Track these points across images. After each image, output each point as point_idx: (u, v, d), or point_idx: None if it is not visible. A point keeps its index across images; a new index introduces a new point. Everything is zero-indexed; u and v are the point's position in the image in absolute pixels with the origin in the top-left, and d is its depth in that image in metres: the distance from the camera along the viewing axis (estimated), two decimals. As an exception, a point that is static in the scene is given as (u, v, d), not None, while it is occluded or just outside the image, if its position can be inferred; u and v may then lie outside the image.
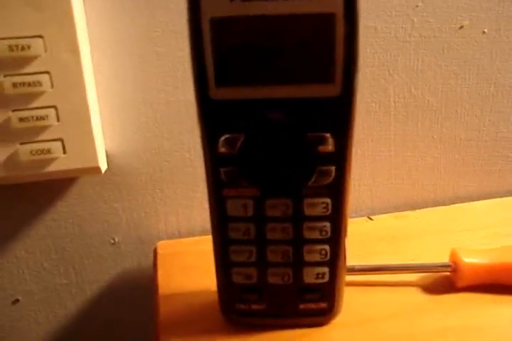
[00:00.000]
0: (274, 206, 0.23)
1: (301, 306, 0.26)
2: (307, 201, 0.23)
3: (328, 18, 0.20)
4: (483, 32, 0.38)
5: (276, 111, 0.21)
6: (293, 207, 0.23)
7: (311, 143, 0.22)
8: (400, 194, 0.42)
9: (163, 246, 0.36)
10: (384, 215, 0.40)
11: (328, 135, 0.22)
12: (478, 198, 0.42)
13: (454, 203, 0.42)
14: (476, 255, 0.30)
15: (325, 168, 0.23)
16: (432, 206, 0.42)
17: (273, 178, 0.23)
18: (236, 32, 0.20)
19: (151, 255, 0.37)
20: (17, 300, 0.39)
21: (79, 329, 0.40)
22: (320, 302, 0.26)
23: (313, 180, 0.23)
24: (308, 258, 0.25)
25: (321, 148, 0.22)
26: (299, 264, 0.25)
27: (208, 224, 0.37)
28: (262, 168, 0.22)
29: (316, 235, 0.24)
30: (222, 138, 0.22)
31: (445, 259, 0.31)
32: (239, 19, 0.20)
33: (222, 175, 0.23)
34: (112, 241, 0.38)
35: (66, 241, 0.37)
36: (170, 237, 0.38)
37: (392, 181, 0.41)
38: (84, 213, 0.37)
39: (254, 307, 0.26)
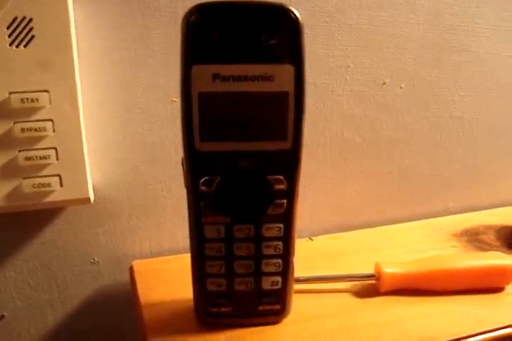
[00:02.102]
0: (240, 230, 0.30)
1: (260, 308, 0.33)
2: (265, 226, 0.30)
3: (283, 95, 0.27)
4: (401, 87, 0.47)
5: (245, 160, 0.28)
6: (255, 230, 0.30)
7: (269, 183, 0.29)
8: (335, 218, 0.49)
9: (138, 265, 0.41)
10: (322, 236, 0.46)
11: (281, 177, 0.29)
12: (399, 221, 0.49)
13: (379, 225, 0.48)
14: (395, 266, 0.37)
15: (279, 201, 0.30)
16: (361, 228, 0.48)
17: (240, 209, 0.29)
18: (217, 102, 0.27)
19: (127, 273, 0.42)
20: (3, 316, 0.42)
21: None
22: (275, 305, 0.33)
23: (270, 210, 0.30)
24: (265, 269, 0.31)
25: (277, 187, 0.29)
26: (258, 274, 0.31)
27: (175, 246, 0.43)
28: (232, 201, 0.29)
29: (271, 252, 0.31)
30: (203, 179, 0.29)
31: (371, 270, 0.38)
32: (219, 94, 0.27)
33: (202, 207, 0.29)
34: (92, 261, 0.43)
35: (51, 261, 0.42)
36: (143, 257, 0.43)
37: (329, 208, 0.48)
38: (69, 237, 0.41)
39: (223, 310, 0.32)
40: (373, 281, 0.38)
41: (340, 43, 0.43)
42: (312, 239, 0.46)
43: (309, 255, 0.42)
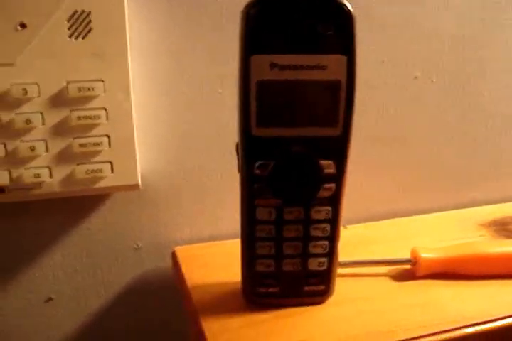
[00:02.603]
0: (290, 212, 0.32)
1: (306, 288, 0.34)
2: (314, 209, 0.32)
3: (336, 84, 0.29)
4: (432, 81, 0.48)
5: (297, 145, 0.30)
6: (304, 213, 0.32)
7: (320, 168, 0.30)
8: (368, 208, 0.50)
9: (180, 250, 0.43)
10: (355, 225, 0.47)
11: (331, 162, 0.31)
12: (428, 211, 0.50)
13: (409, 216, 0.50)
14: (431, 251, 0.39)
15: (328, 185, 0.31)
16: (392, 218, 0.49)
17: (292, 192, 0.31)
18: (274, 90, 0.29)
19: (169, 258, 0.43)
20: (50, 299, 0.44)
21: (103, 324, 0.46)
22: (320, 285, 0.34)
23: (319, 193, 0.31)
24: (313, 251, 0.33)
25: (326, 171, 0.31)
26: (306, 255, 0.33)
27: (215, 233, 0.45)
28: (285, 184, 0.30)
29: (319, 233, 0.33)
30: (257, 163, 0.30)
31: (407, 256, 0.40)
32: (276, 82, 0.28)
33: (255, 190, 0.31)
34: (136, 246, 0.45)
35: (96, 246, 0.43)
36: (184, 243, 0.45)
37: (362, 198, 0.49)
38: (114, 223, 0.43)
39: (271, 290, 0.34)
40: (409, 266, 0.39)
41: (375, 38, 0.45)
42: (346, 227, 0.47)
43: (345, 242, 0.43)
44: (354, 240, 0.45)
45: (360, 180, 0.49)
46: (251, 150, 0.30)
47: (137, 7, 0.37)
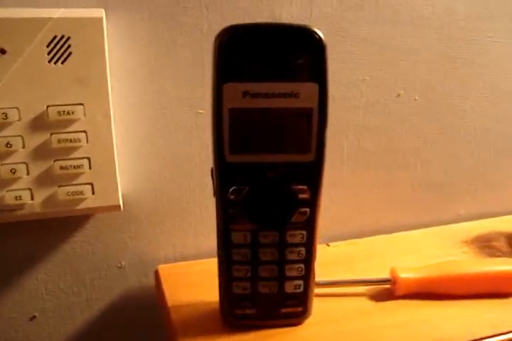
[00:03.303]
0: (266, 236, 0.32)
1: (283, 310, 0.34)
2: (289, 232, 0.32)
3: (308, 111, 0.29)
4: (415, 99, 0.49)
5: (271, 170, 0.30)
6: (279, 236, 0.32)
7: (294, 192, 0.31)
8: (351, 225, 0.50)
9: (163, 269, 0.43)
10: (338, 242, 0.48)
11: (305, 187, 0.31)
12: (412, 228, 0.51)
13: (393, 232, 0.50)
14: (410, 271, 0.39)
15: (303, 209, 0.31)
16: (376, 235, 0.50)
17: (266, 217, 0.31)
18: (246, 118, 0.29)
19: (152, 276, 0.44)
20: (34, 317, 0.44)
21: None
22: (297, 307, 0.34)
23: (294, 217, 0.31)
24: (289, 273, 0.33)
25: (301, 196, 0.31)
26: (282, 278, 0.33)
27: (198, 251, 0.45)
28: (260, 209, 0.31)
29: (295, 257, 0.33)
30: (232, 188, 0.31)
31: (386, 275, 0.40)
32: (249, 109, 0.29)
33: (230, 215, 0.31)
34: (119, 265, 0.45)
35: (80, 265, 0.44)
36: (167, 262, 0.45)
37: (345, 215, 0.50)
38: (97, 242, 0.43)
39: (248, 311, 0.34)
40: (389, 285, 0.39)
41: (356, 57, 0.45)
42: (329, 245, 0.47)
43: (327, 260, 0.43)
44: (336, 258, 0.45)
45: (343, 197, 0.49)
46: (225, 175, 0.31)
47: (117, 32, 0.38)
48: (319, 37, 0.28)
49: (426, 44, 0.47)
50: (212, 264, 0.34)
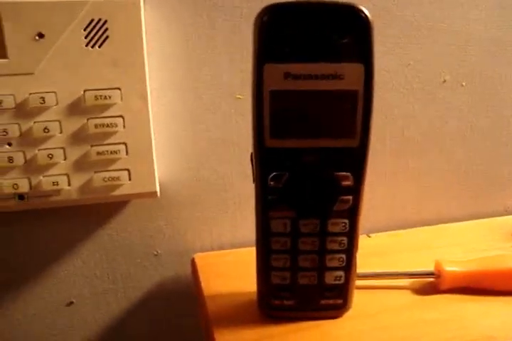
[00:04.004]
0: (306, 224, 0.31)
1: (322, 302, 0.33)
2: (331, 221, 0.31)
3: (353, 94, 0.28)
4: (462, 85, 0.46)
5: (313, 156, 0.29)
6: (320, 225, 0.31)
7: (336, 179, 0.29)
8: (394, 216, 0.49)
9: (200, 258, 0.43)
10: (380, 233, 0.46)
11: (349, 174, 0.30)
12: (457, 220, 0.49)
13: (437, 224, 0.48)
14: (455, 265, 0.37)
15: (345, 197, 0.30)
16: (419, 226, 0.48)
17: (307, 204, 0.30)
18: (288, 100, 0.28)
19: (188, 265, 0.43)
20: (71, 303, 0.45)
21: (122, 329, 0.46)
22: (337, 299, 0.33)
23: (336, 205, 0.30)
24: (329, 264, 0.32)
25: (343, 183, 0.30)
26: (322, 269, 0.32)
27: (235, 240, 0.45)
28: (300, 196, 0.30)
29: (336, 247, 0.32)
30: (271, 174, 0.29)
31: (429, 268, 0.38)
32: (290, 92, 0.27)
33: (269, 202, 0.30)
34: (155, 253, 0.44)
35: (116, 252, 0.44)
36: (204, 250, 0.45)
37: (388, 205, 0.48)
38: (134, 229, 0.43)
39: (286, 303, 0.33)
40: (433, 279, 0.38)
41: (400, 40, 0.43)
42: (370, 236, 0.46)
43: (367, 252, 0.41)
44: (377, 250, 0.44)
45: (386, 186, 0.47)
46: (265, 161, 0.29)
47: (155, 15, 0.37)
48: (365, 15, 0.27)
49: (474, 27, 0.45)
50: (249, 253, 0.33)
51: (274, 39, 0.27)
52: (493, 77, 0.47)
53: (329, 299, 0.33)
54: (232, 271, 0.40)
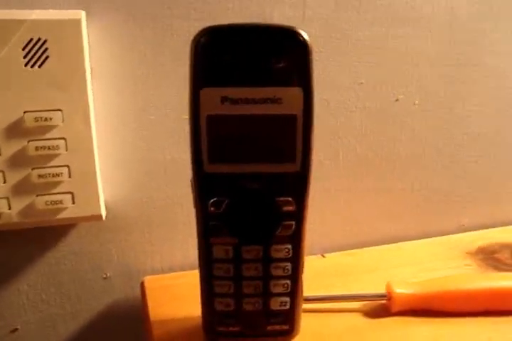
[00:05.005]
0: (248, 251, 0.30)
1: (268, 328, 0.32)
2: (274, 247, 0.30)
3: (292, 118, 0.27)
4: (415, 103, 0.47)
5: (253, 181, 0.28)
6: (263, 251, 0.30)
7: (278, 205, 0.29)
8: (348, 235, 0.48)
9: (149, 280, 0.41)
10: (334, 253, 0.46)
11: (290, 199, 0.29)
12: (412, 238, 0.49)
13: (392, 242, 0.48)
14: (407, 286, 0.37)
15: (287, 222, 0.29)
16: (374, 245, 0.48)
17: (249, 230, 0.29)
18: (225, 125, 0.27)
19: (138, 288, 0.42)
20: (16, 329, 0.43)
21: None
22: (283, 325, 0.32)
23: (278, 231, 0.29)
24: (274, 290, 0.31)
25: (285, 209, 0.29)
26: (267, 295, 0.31)
27: (186, 261, 0.44)
28: (241, 222, 0.29)
29: (280, 273, 0.31)
30: (211, 200, 0.29)
31: (382, 290, 0.37)
32: (228, 116, 0.27)
33: (210, 228, 0.29)
34: (104, 276, 0.43)
35: (64, 276, 0.42)
36: (154, 272, 0.43)
37: (342, 224, 0.48)
38: (82, 252, 0.42)
39: (231, 329, 0.32)
40: (384, 301, 0.37)
41: (352, 60, 0.43)
42: (324, 256, 0.45)
43: (321, 272, 0.42)
44: (332, 270, 0.44)
45: (339, 205, 0.47)
46: (204, 187, 0.29)
47: (98, 33, 0.36)
48: (303, 38, 0.26)
49: (426, 46, 0.45)
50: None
51: (209, 62, 0.26)
52: (444, 95, 0.47)
53: (275, 325, 0.32)
54: (181, 294, 0.39)
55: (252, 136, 0.28)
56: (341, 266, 0.44)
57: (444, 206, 0.51)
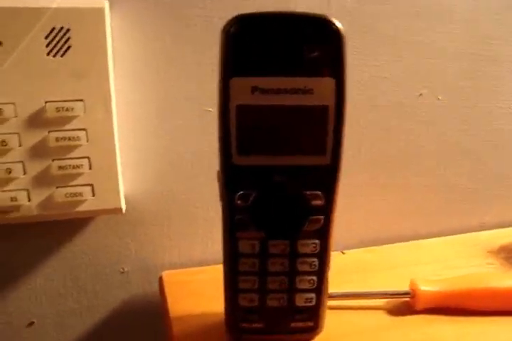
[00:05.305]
0: (275, 245, 0.29)
1: (292, 325, 0.32)
2: (301, 242, 0.29)
3: (323, 109, 0.26)
4: (438, 98, 0.46)
5: (282, 174, 0.28)
6: (290, 246, 0.29)
7: (306, 198, 0.28)
8: (368, 232, 0.48)
9: (167, 275, 0.41)
10: (354, 250, 0.45)
11: (319, 193, 0.28)
12: (433, 236, 0.48)
13: (413, 240, 0.47)
14: (431, 284, 0.36)
15: (316, 217, 0.29)
16: (395, 242, 0.47)
17: (276, 224, 0.29)
18: (255, 116, 0.26)
19: (156, 283, 0.42)
20: (32, 323, 0.43)
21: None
22: (307, 322, 0.32)
23: (306, 226, 0.29)
24: (300, 286, 0.30)
25: (314, 203, 0.28)
26: (292, 291, 0.31)
27: (205, 257, 0.43)
28: (268, 216, 0.28)
29: (306, 268, 0.30)
30: (239, 193, 0.28)
31: (405, 286, 0.37)
32: (258, 107, 0.26)
33: (237, 222, 0.29)
34: (122, 270, 0.43)
35: (81, 270, 0.42)
36: (172, 267, 0.43)
37: (362, 221, 0.47)
38: (99, 246, 0.41)
39: (255, 325, 0.32)
40: (408, 299, 0.37)
41: (377, 54, 0.42)
42: (344, 253, 0.45)
43: (341, 269, 0.41)
44: (352, 267, 0.43)
45: (360, 202, 0.46)
46: (232, 179, 0.28)
47: (121, 23, 0.36)
48: (337, 27, 0.26)
49: (452, 40, 0.44)
50: (219, 272, 0.32)
51: (240, 51, 0.26)
52: (468, 91, 0.46)
53: (300, 322, 0.32)
54: (201, 289, 0.39)
55: (282, 128, 0.27)
56: (361, 263, 0.43)
57: (465, 203, 0.50)
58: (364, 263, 0.43)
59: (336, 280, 0.33)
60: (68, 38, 0.33)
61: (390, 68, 0.43)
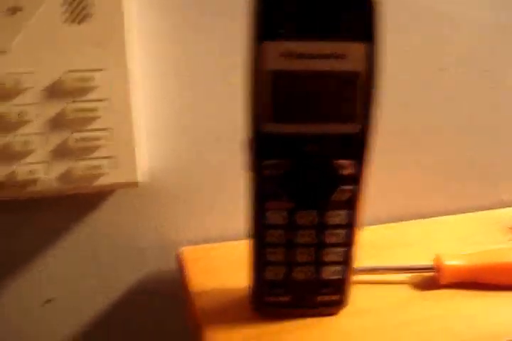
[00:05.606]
0: (303, 216, 0.29)
1: (319, 298, 0.31)
2: (329, 213, 0.29)
3: (354, 75, 0.25)
4: (461, 72, 0.44)
5: (312, 143, 0.27)
6: (318, 217, 0.29)
7: (335, 168, 0.28)
8: (387, 208, 0.47)
9: (187, 251, 0.40)
10: (374, 226, 0.44)
11: (349, 162, 0.28)
12: (451, 213, 0.47)
13: (431, 216, 0.47)
14: (456, 258, 0.36)
15: (345, 187, 0.28)
16: (413, 219, 0.46)
17: (305, 194, 0.28)
18: (286, 81, 0.26)
19: (174, 258, 0.41)
20: (49, 300, 0.42)
21: (105, 326, 0.44)
22: (333, 295, 0.31)
23: (335, 196, 0.28)
24: (327, 258, 0.30)
25: (343, 172, 0.28)
26: (319, 263, 0.30)
27: (224, 233, 0.42)
28: (298, 186, 0.28)
29: (334, 240, 0.30)
30: (270, 162, 0.27)
31: (427, 262, 0.36)
32: (289, 72, 0.25)
33: (265, 192, 0.28)
34: (140, 247, 0.42)
35: (98, 245, 0.41)
36: (191, 243, 0.42)
37: (381, 197, 0.46)
38: (117, 222, 0.41)
39: (281, 299, 0.31)
40: (432, 273, 0.36)
41: (398, 25, 0.41)
42: (364, 229, 0.44)
43: (362, 245, 0.41)
44: (374, 242, 0.42)
45: (379, 178, 0.45)
46: (261, 148, 0.27)
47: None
48: (372, -9, 0.25)
49: (474, 12, 0.43)
50: (240, 247, 0.31)
51: (271, 14, 0.25)
52: (493, 65, 0.45)
53: (326, 295, 0.32)
54: (221, 265, 0.38)
55: (313, 94, 0.26)
56: (381, 240, 0.42)
57: (484, 180, 0.49)
58: (384, 239, 0.43)
59: (358, 256, 0.32)
60: (86, 5, 0.32)
61: (410, 41, 0.42)
